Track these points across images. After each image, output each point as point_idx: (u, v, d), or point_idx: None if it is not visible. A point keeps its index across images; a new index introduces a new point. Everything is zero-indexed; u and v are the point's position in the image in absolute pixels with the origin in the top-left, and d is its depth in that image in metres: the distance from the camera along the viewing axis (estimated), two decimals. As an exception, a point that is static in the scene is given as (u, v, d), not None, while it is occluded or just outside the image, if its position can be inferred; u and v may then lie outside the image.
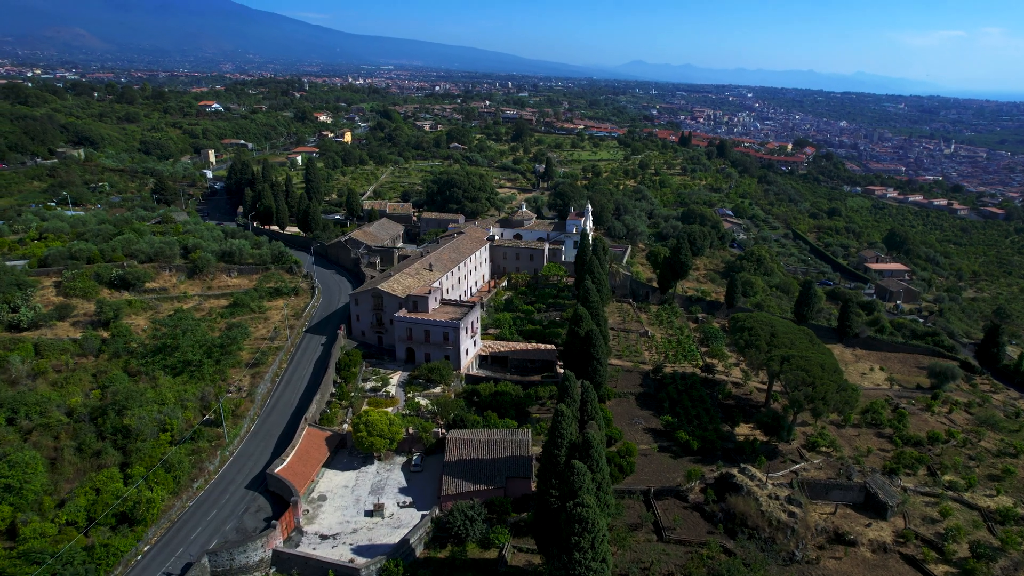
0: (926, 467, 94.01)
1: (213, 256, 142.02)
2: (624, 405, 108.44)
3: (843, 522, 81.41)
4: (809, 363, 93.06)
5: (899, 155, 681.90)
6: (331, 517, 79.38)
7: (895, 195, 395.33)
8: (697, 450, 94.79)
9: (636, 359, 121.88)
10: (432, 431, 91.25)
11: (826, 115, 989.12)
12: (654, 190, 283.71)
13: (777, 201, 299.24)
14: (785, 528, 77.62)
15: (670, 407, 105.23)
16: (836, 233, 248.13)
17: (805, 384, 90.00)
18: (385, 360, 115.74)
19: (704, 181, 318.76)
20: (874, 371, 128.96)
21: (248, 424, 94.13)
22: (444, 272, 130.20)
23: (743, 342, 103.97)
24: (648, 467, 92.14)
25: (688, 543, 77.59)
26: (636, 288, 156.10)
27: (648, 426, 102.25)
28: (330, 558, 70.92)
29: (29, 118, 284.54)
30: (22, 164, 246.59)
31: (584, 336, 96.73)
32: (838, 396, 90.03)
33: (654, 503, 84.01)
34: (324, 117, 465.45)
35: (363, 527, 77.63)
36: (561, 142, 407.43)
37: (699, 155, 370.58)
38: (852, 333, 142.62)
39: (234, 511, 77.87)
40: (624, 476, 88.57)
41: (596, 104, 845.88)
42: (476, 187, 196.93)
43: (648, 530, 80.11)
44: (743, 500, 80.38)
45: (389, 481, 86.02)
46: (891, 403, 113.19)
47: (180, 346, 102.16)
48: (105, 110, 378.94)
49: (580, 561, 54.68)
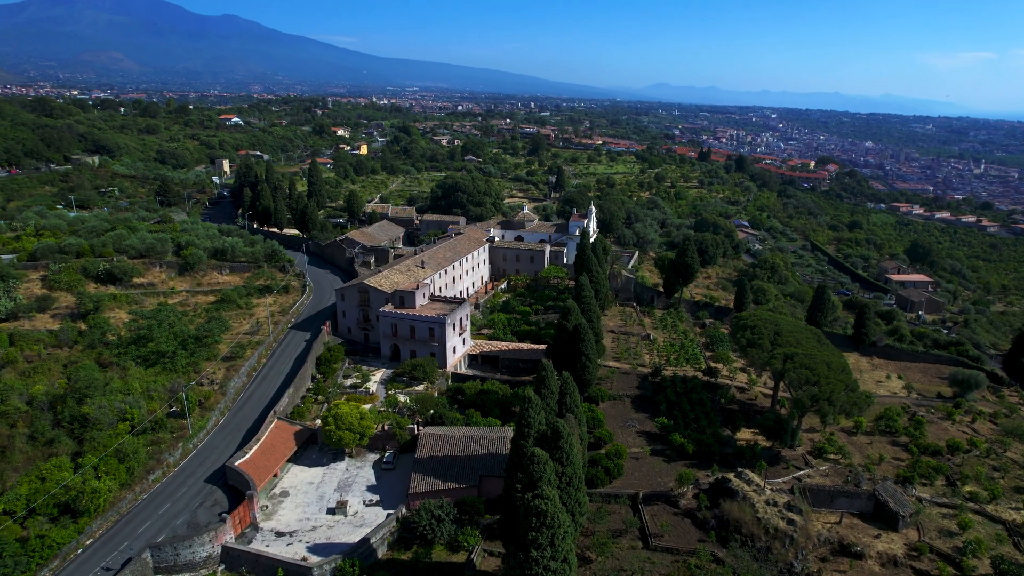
0: (944, 477, 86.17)
1: (205, 253, 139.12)
2: (619, 408, 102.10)
3: (849, 532, 74.05)
4: (814, 361, 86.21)
5: (927, 175, 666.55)
6: (291, 514, 74.14)
7: (921, 212, 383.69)
8: (692, 454, 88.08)
9: (635, 361, 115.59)
10: (407, 427, 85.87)
11: (851, 136, 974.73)
12: (669, 202, 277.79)
13: (796, 214, 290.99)
14: (783, 537, 70.58)
15: (667, 410, 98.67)
16: (856, 245, 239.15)
17: (809, 383, 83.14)
18: (370, 358, 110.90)
19: (721, 194, 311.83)
20: (891, 379, 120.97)
21: (217, 417, 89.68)
22: (437, 270, 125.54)
23: (745, 340, 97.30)
24: (639, 471, 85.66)
25: (676, 551, 70.89)
26: (641, 292, 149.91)
27: (643, 429, 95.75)
28: (281, 556, 65.54)
29: (48, 127, 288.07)
30: (36, 169, 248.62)
31: (572, 331, 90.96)
32: (846, 397, 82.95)
33: (642, 508, 77.47)
34: (342, 131, 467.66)
35: (323, 525, 72.24)
36: (577, 156, 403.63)
37: (717, 169, 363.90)
38: (869, 341, 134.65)
39: (188, 505, 73.04)
40: (611, 479, 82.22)
41: (617, 123, 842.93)
42: (481, 191, 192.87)
43: (633, 536, 73.58)
44: (738, 506, 73.53)
45: (358, 478, 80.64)
46: (908, 411, 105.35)
47: (154, 337, 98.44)
48: (127, 123, 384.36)
49: (537, 559, 48.66)
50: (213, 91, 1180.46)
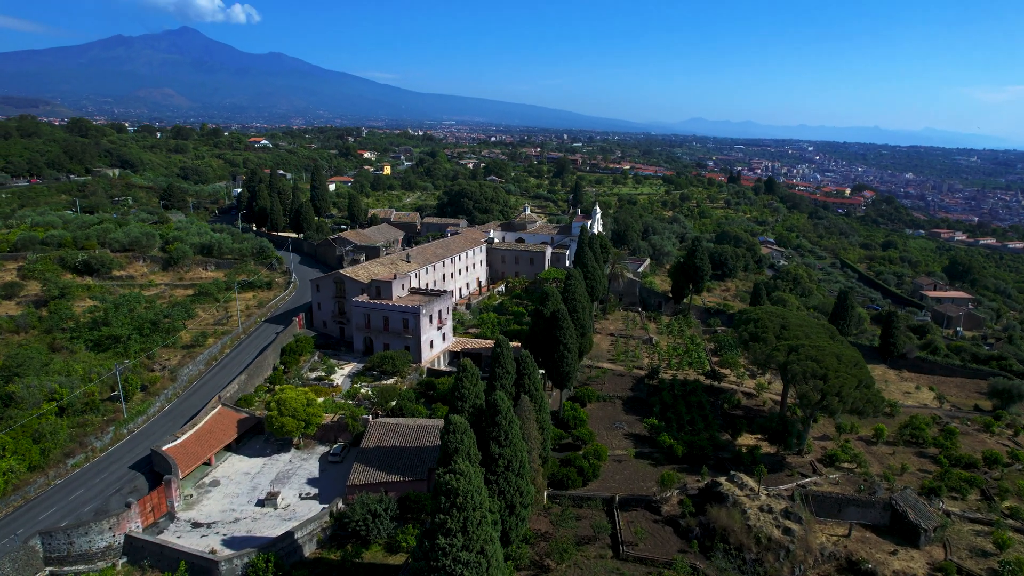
0: (980, 491, 74.07)
1: (191, 249, 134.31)
2: (607, 409, 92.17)
3: (860, 547, 62.66)
4: (822, 353, 75.60)
5: (971, 206, 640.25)
6: (216, 504, 65.93)
7: (964, 238, 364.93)
8: (683, 457, 77.71)
9: (631, 363, 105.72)
10: (361, 418, 77.43)
11: (891, 168, 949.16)
12: (692, 219, 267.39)
13: (827, 234, 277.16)
14: (777, 548, 59.69)
15: (660, 412, 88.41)
16: (890, 263, 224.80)
17: (816, 376, 72.49)
18: (343, 352, 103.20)
19: (748, 214, 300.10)
20: (920, 390, 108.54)
21: (162, 404, 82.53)
22: (423, 265, 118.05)
23: (747, 334, 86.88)
24: (620, 474, 75.55)
25: (650, 562, 60.53)
26: (648, 297, 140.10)
27: (631, 432, 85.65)
28: (187, 548, 57.18)
29: (73, 142, 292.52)
30: (56, 180, 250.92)
31: (550, 317, 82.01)
32: (858, 394, 71.98)
33: (617, 513, 67.31)
34: (369, 154, 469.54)
35: (248, 517, 63.79)
36: (603, 179, 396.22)
37: (745, 191, 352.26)
38: (897, 353, 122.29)
39: (103, 492, 65.38)
40: (585, 481, 72.31)
41: (650, 154, 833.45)
42: (488, 198, 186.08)
43: (603, 544, 63.43)
44: (726, 512, 62.93)
45: (300, 471, 72.21)
46: (939, 422, 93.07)
47: (110, 322, 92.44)
48: (157, 144, 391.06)
49: (445, 549, 39.37)
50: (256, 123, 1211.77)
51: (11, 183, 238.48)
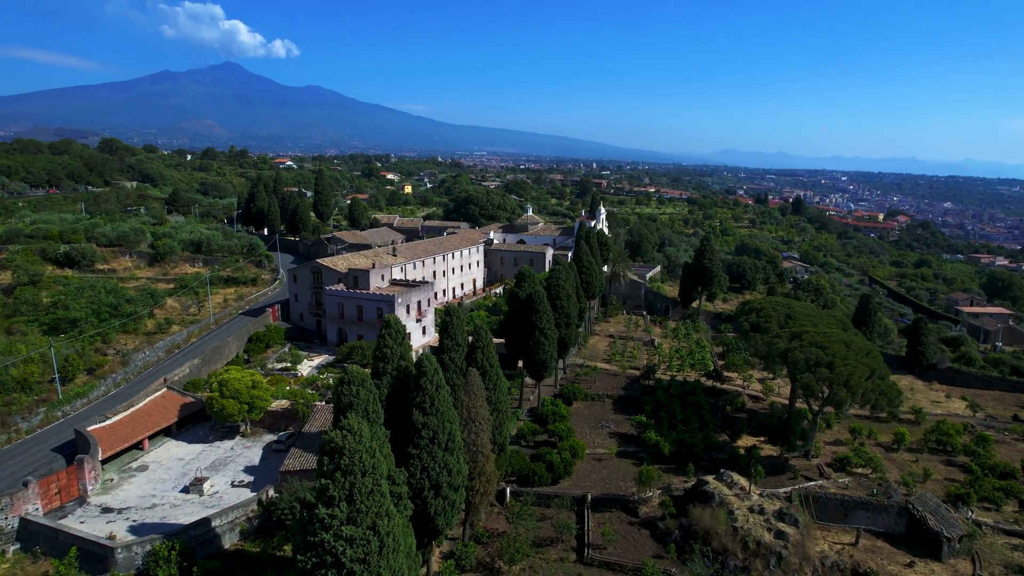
0: (1017, 501, 63.79)
1: (179, 245, 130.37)
2: (596, 408, 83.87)
3: (868, 557, 53.17)
4: (829, 339, 66.72)
5: (1014, 235, 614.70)
6: (137, 490, 59.29)
7: (1005, 263, 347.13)
8: (670, 456, 69.04)
9: (627, 363, 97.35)
10: (313, 404, 70.52)
11: (928, 198, 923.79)
12: (714, 237, 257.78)
13: (856, 253, 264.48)
14: (767, 554, 50.67)
15: (652, 411, 79.84)
16: (922, 280, 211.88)
17: (820, 364, 63.54)
18: (316, 344, 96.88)
19: (775, 233, 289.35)
20: (951, 399, 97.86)
21: (108, 387, 76.69)
22: (411, 259, 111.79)
23: (748, 324, 78.15)
24: (598, 473, 67.18)
25: (617, 566, 52.02)
26: (654, 301, 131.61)
27: (618, 431, 77.24)
28: (82, 532, 50.51)
29: (97, 156, 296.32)
30: (74, 190, 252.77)
31: (525, 300, 74.68)
32: (870, 384, 62.78)
33: (588, 513, 58.97)
34: (392, 176, 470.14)
35: (167, 504, 56.96)
36: (626, 200, 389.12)
37: (771, 211, 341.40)
38: (927, 363, 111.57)
39: (16, 473, 59.21)
40: (556, 478, 64.07)
41: (679, 181, 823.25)
42: (495, 205, 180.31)
43: (568, 547, 55.10)
44: (709, 512, 54.14)
45: (239, 458, 65.38)
46: (971, 430, 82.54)
47: (68, 305, 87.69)
48: (182, 163, 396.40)
49: (325, 520, 31.91)
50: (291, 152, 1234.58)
51: (29, 192, 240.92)
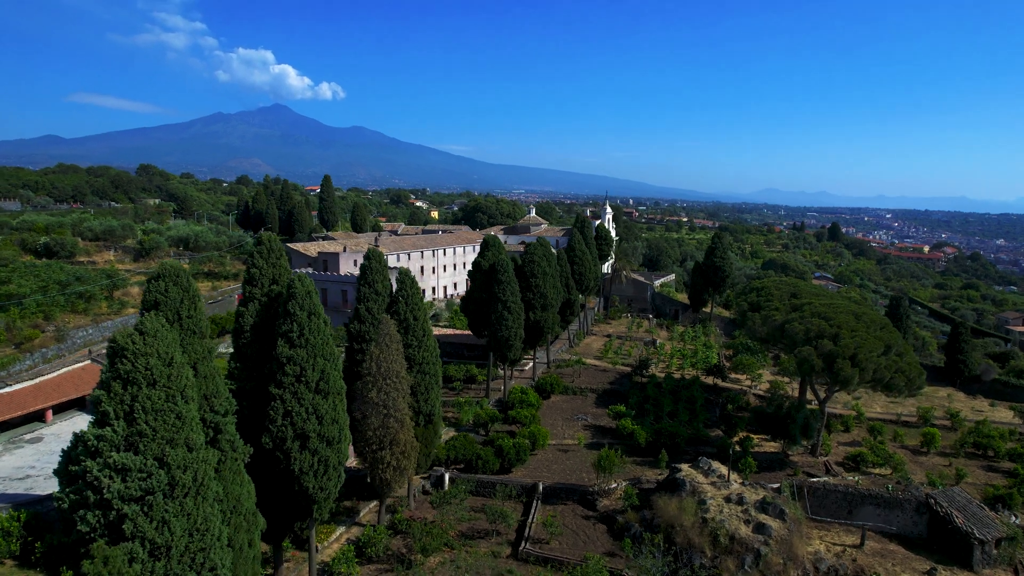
0: (1071, 510, 51.78)
1: (166, 241, 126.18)
2: (576, 402, 74.21)
3: (876, 562, 42.15)
4: (834, 310, 56.54)
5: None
6: (16, 461, 51.88)
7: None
8: (647, 447, 59.05)
9: (620, 359, 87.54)
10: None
11: (979, 235, 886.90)
12: (744, 259, 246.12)
13: (895, 277, 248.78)
14: (743, 550, 40.30)
15: (638, 403, 69.86)
16: (968, 300, 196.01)
17: (822, 336, 53.29)
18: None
19: (808, 258, 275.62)
20: (996, 407, 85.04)
21: (37, 361, 70.50)
22: (396, 251, 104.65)
23: (746, 305, 67.98)
24: (561, 463, 57.55)
25: (555, 562, 42.20)
26: (663, 304, 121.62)
27: (595, 423, 67.46)
28: (-78, 495, 43.17)
29: (124, 176, 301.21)
30: (98, 205, 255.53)
31: (488, 269, 66.21)
32: (884, 360, 52.22)
33: (537, 504, 49.40)
34: (420, 203, 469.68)
35: (43, 476, 49.43)
36: (655, 228, 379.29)
37: (806, 236, 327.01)
38: (970, 373, 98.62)
39: None
40: (507, 466, 54.73)
41: (716, 216, 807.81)
42: (504, 213, 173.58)
43: (504, 540, 45.56)
44: (676, 502, 44.07)
45: (148, 435, 57.67)
46: (1017, 437, 70.19)
47: (13, 280, 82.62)
48: (213, 187, 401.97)
49: (91, 444, 23.79)
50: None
51: (53, 207, 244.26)
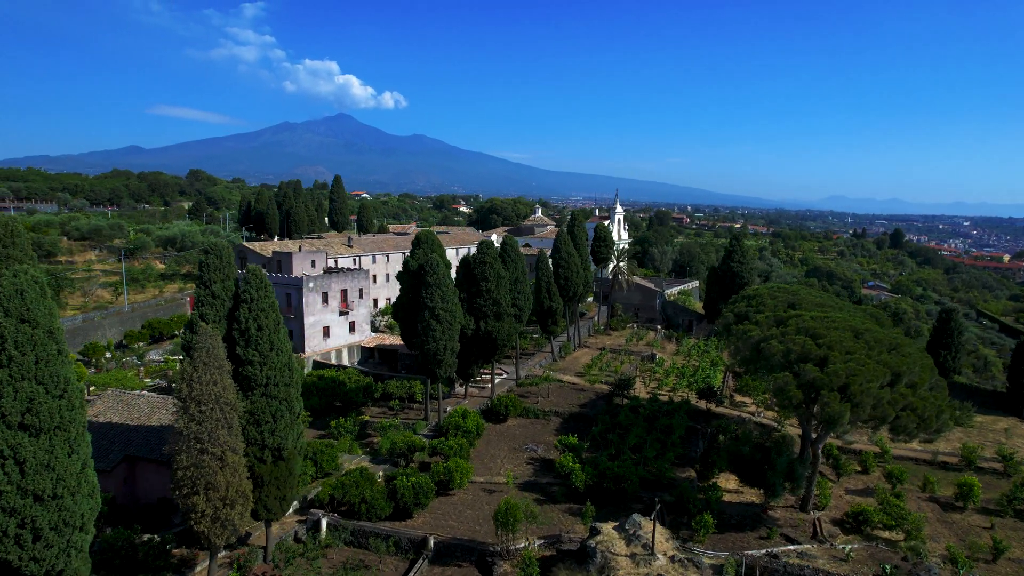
0: None
1: (153, 241, 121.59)
2: (535, 427, 63.29)
3: None
4: (828, 326, 44.00)
5: None
6: None
7: None
8: (586, 492, 47.72)
9: (601, 377, 76.03)
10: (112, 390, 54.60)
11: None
12: (790, 266, 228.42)
13: (964, 287, 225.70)
14: (645, 661, 28.84)
15: (602, 432, 58.53)
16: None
17: (806, 359, 41.02)
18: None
19: (866, 266, 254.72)
20: (1064, 447, 69.44)
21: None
22: (371, 252, 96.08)
23: (732, 317, 55.44)
24: (475, 509, 46.83)
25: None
26: (675, 314, 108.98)
27: (544, 455, 56.49)
28: None
29: (162, 179, 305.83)
30: (132, 208, 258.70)
31: (415, 272, 56.22)
32: (886, 394, 39.56)
33: (422, 567, 39.02)
34: (464, 208, 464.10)
35: None
36: (704, 233, 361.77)
37: (864, 243, 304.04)
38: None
39: None
40: (401, 512, 44.47)
41: (777, 223, 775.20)
42: (520, 215, 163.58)
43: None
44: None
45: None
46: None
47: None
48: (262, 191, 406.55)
49: None
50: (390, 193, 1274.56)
51: (87, 209, 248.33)
